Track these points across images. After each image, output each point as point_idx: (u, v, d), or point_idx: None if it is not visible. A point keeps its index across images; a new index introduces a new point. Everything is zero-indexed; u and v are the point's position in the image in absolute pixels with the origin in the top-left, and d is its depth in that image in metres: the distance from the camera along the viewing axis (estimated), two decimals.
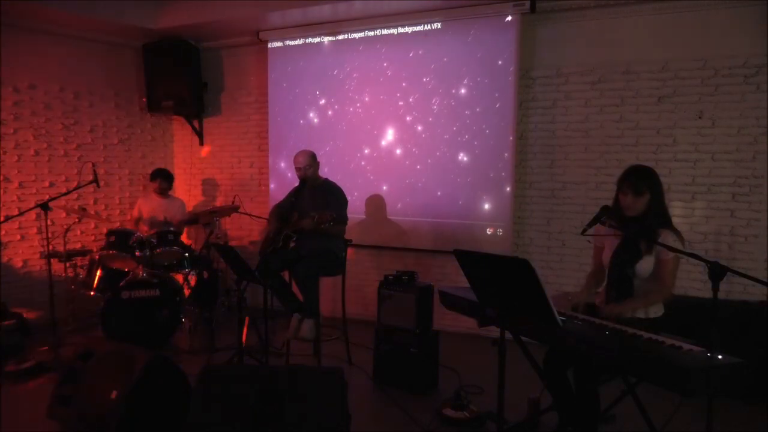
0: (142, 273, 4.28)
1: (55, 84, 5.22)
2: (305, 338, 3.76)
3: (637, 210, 2.54)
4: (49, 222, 4.21)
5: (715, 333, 2.01)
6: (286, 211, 4.10)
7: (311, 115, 5.34)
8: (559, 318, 2.10)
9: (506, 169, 4.50)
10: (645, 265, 2.54)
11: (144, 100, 5.78)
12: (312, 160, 4.06)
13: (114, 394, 2.67)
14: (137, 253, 4.40)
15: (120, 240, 4.45)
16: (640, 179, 2.54)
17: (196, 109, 5.87)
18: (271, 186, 5.59)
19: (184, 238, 5.19)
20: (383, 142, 5.01)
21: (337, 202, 3.98)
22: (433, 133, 4.79)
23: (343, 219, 3.97)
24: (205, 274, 4.95)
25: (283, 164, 5.49)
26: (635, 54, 4.18)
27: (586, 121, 4.40)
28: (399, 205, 4.97)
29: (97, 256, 4.64)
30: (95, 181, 4.36)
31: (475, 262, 2.33)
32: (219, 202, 5.87)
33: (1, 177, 4.88)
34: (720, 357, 1.91)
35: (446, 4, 4.55)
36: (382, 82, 4.97)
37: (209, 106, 6.00)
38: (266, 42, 5.49)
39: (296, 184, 4.18)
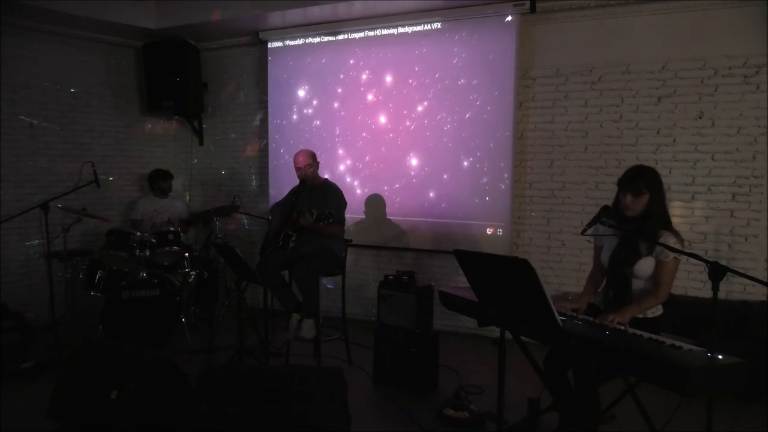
0: (142, 273, 4.28)
1: (54, 83, 5.21)
2: (305, 338, 3.76)
3: (637, 210, 2.55)
4: (49, 222, 4.21)
5: (715, 333, 2.02)
6: (286, 210, 4.10)
7: (311, 115, 5.34)
8: (559, 318, 2.10)
9: (506, 169, 4.50)
10: (644, 266, 2.54)
11: (144, 100, 5.78)
12: (312, 159, 4.06)
13: (114, 394, 2.67)
14: (137, 253, 4.40)
15: (120, 240, 4.45)
16: (640, 179, 2.54)
17: (196, 109, 5.87)
18: (271, 186, 5.59)
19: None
20: (383, 142, 5.00)
21: (336, 203, 3.98)
22: (432, 133, 4.78)
23: (340, 219, 3.96)
24: (205, 274, 4.95)
25: (282, 164, 5.49)
26: (635, 54, 4.18)
27: (586, 121, 4.40)
28: (399, 205, 4.98)
29: (97, 256, 4.64)
30: (95, 181, 4.36)
31: (475, 262, 2.33)
32: (219, 202, 5.87)
33: (0, 177, 4.89)
34: (720, 357, 1.91)
35: (446, 4, 4.55)
36: (382, 82, 4.97)
37: (209, 106, 6.01)
38: (266, 42, 5.49)
39: (296, 184, 4.18)
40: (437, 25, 4.71)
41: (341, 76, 5.15)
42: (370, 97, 5.04)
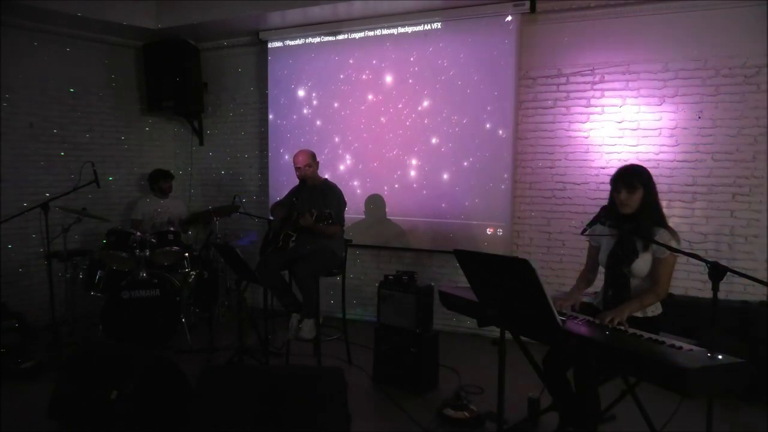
0: (142, 273, 4.28)
1: (54, 83, 5.21)
2: (305, 338, 3.76)
3: (632, 207, 2.56)
4: (49, 222, 4.20)
5: (715, 333, 2.01)
6: (286, 210, 4.10)
7: (311, 115, 5.34)
8: (559, 318, 2.10)
9: (506, 169, 4.50)
10: (642, 264, 2.54)
11: (144, 100, 5.78)
12: (312, 159, 4.06)
13: (114, 394, 2.67)
14: (137, 253, 4.40)
15: (120, 240, 4.45)
16: (633, 176, 2.57)
17: (196, 109, 5.87)
18: (271, 186, 5.59)
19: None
20: (383, 142, 5.00)
21: (336, 203, 3.97)
22: (433, 133, 4.78)
23: (340, 219, 3.96)
24: (205, 274, 4.95)
25: (283, 164, 5.49)
26: (635, 54, 4.18)
27: (587, 122, 4.39)
28: (399, 205, 4.97)
29: (97, 256, 4.64)
30: (96, 181, 4.36)
31: (475, 262, 2.33)
32: (219, 202, 5.87)
33: (0, 177, 4.88)
34: (720, 357, 1.91)
35: (446, 4, 4.55)
36: (382, 82, 4.97)
37: (209, 106, 6.01)
38: (266, 42, 5.49)
39: (296, 184, 4.18)
40: (437, 26, 4.71)
41: (341, 76, 5.15)
42: (370, 97, 5.04)
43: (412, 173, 4.89)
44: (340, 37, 5.12)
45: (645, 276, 2.57)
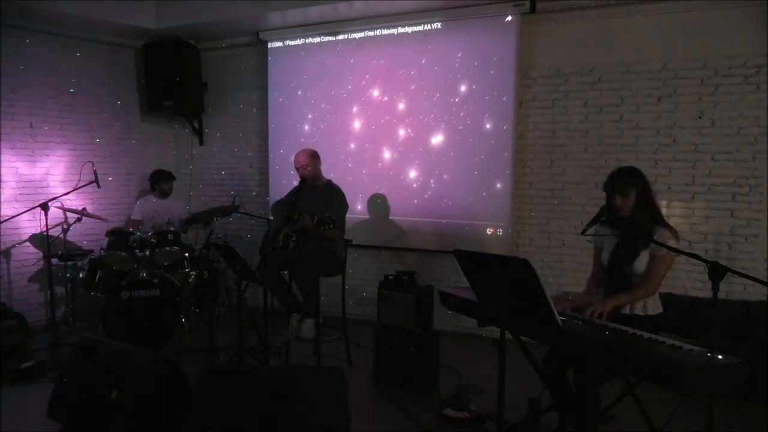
0: (142, 273, 4.28)
1: (54, 83, 5.21)
2: (305, 338, 3.76)
3: (629, 209, 2.58)
4: (48, 222, 4.21)
5: (715, 333, 2.01)
6: (286, 210, 4.10)
7: (311, 115, 5.34)
8: (559, 318, 2.10)
9: (506, 169, 4.50)
10: (643, 262, 2.55)
11: (144, 100, 5.79)
12: (310, 159, 4.03)
13: (114, 394, 2.67)
14: (137, 253, 4.40)
15: (120, 240, 4.45)
16: (623, 179, 2.60)
17: (196, 109, 5.88)
18: (271, 186, 5.59)
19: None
20: (383, 142, 5.00)
21: (337, 206, 3.96)
22: (432, 133, 4.78)
23: (341, 223, 3.94)
24: (205, 274, 4.95)
25: (283, 164, 5.49)
26: (635, 54, 4.18)
27: (586, 121, 4.40)
28: (399, 205, 4.97)
29: (97, 256, 4.64)
30: (96, 181, 4.36)
31: (475, 262, 2.33)
32: (219, 202, 5.88)
33: (0, 177, 4.89)
34: (720, 357, 1.90)
35: (446, 4, 4.55)
36: (382, 82, 4.97)
37: (209, 106, 6.01)
38: (266, 42, 5.49)
39: (297, 184, 4.17)
40: (437, 26, 4.71)
41: (341, 77, 5.15)
42: (370, 97, 5.03)
43: (413, 173, 4.89)
44: (340, 37, 5.12)
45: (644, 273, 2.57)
